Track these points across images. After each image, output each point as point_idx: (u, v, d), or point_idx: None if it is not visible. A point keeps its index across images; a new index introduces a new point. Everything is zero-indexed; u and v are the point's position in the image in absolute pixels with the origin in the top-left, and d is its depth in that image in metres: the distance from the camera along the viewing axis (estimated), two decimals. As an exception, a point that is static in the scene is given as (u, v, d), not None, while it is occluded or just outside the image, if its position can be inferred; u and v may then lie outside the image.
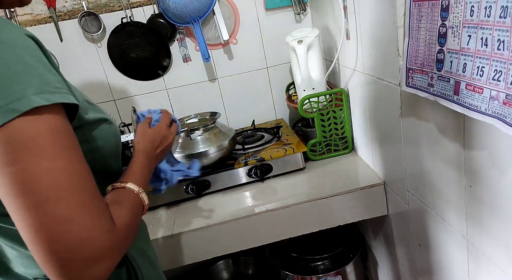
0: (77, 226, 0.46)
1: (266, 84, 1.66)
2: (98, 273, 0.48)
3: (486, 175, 0.65)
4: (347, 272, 1.41)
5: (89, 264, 0.47)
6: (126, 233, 0.54)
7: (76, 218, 0.47)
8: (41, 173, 0.45)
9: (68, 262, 0.46)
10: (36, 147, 0.45)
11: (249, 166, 1.27)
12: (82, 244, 0.46)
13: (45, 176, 0.46)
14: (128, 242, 0.55)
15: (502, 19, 0.51)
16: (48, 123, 0.47)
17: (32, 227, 0.45)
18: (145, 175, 0.72)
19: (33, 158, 0.45)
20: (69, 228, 0.46)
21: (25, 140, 0.45)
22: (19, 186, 0.45)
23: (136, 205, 0.63)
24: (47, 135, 0.47)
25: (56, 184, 0.46)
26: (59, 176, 0.47)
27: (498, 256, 0.68)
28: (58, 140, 0.48)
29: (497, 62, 0.54)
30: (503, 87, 0.53)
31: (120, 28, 1.48)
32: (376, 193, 1.16)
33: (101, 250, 0.48)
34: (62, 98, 0.49)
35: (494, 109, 0.56)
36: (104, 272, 0.48)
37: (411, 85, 0.78)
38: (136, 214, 0.62)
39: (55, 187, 0.46)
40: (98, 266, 0.47)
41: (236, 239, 1.15)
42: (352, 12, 1.11)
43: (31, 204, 0.45)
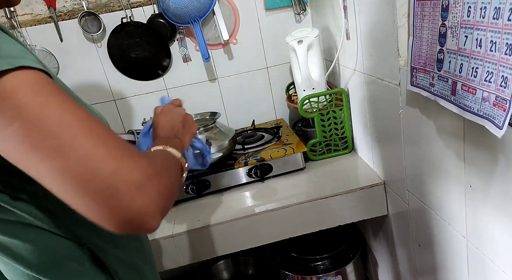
0: (102, 159, 0.43)
1: (266, 84, 1.66)
2: (145, 201, 0.44)
3: (486, 175, 0.65)
4: (347, 272, 1.41)
5: (132, 194, 0.43)
6: (162, 164, 0.51)
7: (97, 152, 0.43)
8: (42, 119, 0.42)
9: (109, 197, 0.42)
10: (24, 98, 0.42)
11: (249, 166, 1.27)
12: (115, 174, 0.43)
13: (48, 120, 0.42)
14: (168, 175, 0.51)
15: (495, 20, 0.51)
16: (23, 78, 0.43)
17: (57, 177, 0.42)
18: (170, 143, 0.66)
19: (25, 109, 0.41)
20: (95, 164, 0.42)
21: (7, 97, 0.41)
22: (27, 141, 0.41)
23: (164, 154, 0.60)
24: (30, 84, 0.43)
25: (61, 128, 0.42)
26: (62, 119, 0.43)
27: (498, 256, 0.68)
28: (45, 87, 0.44)
29: (489, 64, 0.54)
30: (493, 88, 0.53)
31: (120, 28, 1.48)
32: (376, 193, 1.16)
33: (141, 179, 0.44)
34: (28, 62, 0.44)
35: (485, 110, 0.56)
36: (151, 201, 0.44)
37: (415, 84, 0.78)
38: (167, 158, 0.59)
39: (61, 132, 0.42)
40: (142, 195, 0.43)
41: (236, 239, 1.15)
42: (352, 12, 1.11)
43: (47, 156, 0.41)
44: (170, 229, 1.13)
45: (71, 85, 1.59)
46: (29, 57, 0.45)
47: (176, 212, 1.23)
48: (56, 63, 1.47)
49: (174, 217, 1.20)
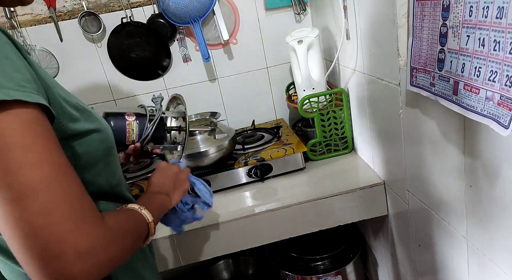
0: (58, 219, 0.43)
1: (266, 84, 1.66)
2: (83, 270, 0.43)
3: (486, 175, 0.65)
4: (347, 272, 1.41)
5: (73, 260, 0.43)
6: (117, 234, 0.50)
7: (56, 211, 0.43)
8: (14, 166, 0.42)
9: (51, 258, 0.42)
10: (4, 140, 0.42)
11: (249, 166, 1.27)
12: (64, 238, 0.43)
13: (20, 169, 0.42)
14: (120, 246, 0.50)
15: (499, 19, 0.51)
16: (15, 116, 0.43)
17: (9, 223, 0.42)
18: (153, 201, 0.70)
19: (3, 152, 0.42)
20: (49, 221, 0.42)
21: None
22: None
23: (134, 216, 0.61)
24: (17, 126, 0.43)
25: (32, 176, 0.43)
26: (36, 168, 0.43)
27: (498, 256, 0.68)
28: (32, 131, 0.44)
29: (493, 63, 0.54)
30: (498, 88, 0.53)
31: (120, 28, 1.48)
32: (376, 193, 1.16)
33: (86, 245, 0.44)
34: (25, 96, 0.44)
35: (489, 110, 0.56)
36: (90, 270, 0.44)
37: (414, 84, 0.78)
38: (134, 222, 0.60)
39: (30, 180, 0.43)
40: (83, 263, 0.43)
41: (236, 239, 1.15)
42: (352, 12, 1.11)
43: (7, 200, 0.42)
44: (170, 229, 1.13)
45: (71, 85, 1.59)
46: (29, 88, 0.46)
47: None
48: (56, 63, 1.47)
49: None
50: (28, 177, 0.43)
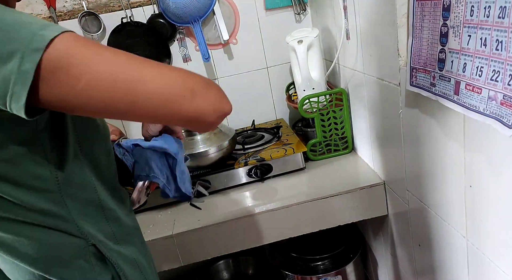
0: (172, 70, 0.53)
1: (266, 84, 1.66)
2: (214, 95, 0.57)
3: (486, 175, 0.65)
4: (347, 272, 1.41)
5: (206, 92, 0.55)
6: None
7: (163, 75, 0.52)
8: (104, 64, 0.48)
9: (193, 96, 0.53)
10: (80, 56, 0.47)
11: (249, 166, 1.27)
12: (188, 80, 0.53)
13: (109, 64, 0.48)
14: None
15: (501, 19, 0.51)
16: (69, 38, 0.47)
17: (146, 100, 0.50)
18: None
19: (87, 63, 0.47)
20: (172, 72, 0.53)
21: (66, 59, 0.46)
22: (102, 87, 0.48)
23: None
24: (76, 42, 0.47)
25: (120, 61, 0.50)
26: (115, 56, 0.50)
27: (498, 256, 0.68)
28: (89, 41, 0.49)
29: (495, 63, 0.54)
30: (500, 87, 0.53)
31: (120, 28, 1.48)
32: (376, 193, 1.16)
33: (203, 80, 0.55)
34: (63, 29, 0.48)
35: (492, 109, 0.56)
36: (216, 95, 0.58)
37: (414, 84, 0.78)
38: None
39: (123, 64, 0.49)
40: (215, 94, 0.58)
41: (236, 239, 1.15)
42: (352, 12, 1.11)
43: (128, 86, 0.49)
44: (170, 229, 1.13)
45: (71, 85, 1.56)
46: None
47: (176, 212, 1.23)
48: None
49: (174, 217, 1.20)
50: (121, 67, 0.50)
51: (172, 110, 0.52)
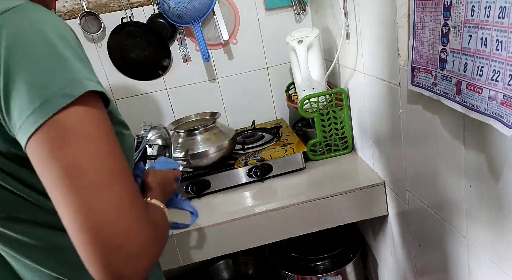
0: (126, 212, 0.45)
1: (266, 84, 1.66)
2: (140, 267, 0.46)
3: (486, 175, 0.65)
4: (347, 272, 1.41)
5: (133, 257, 0.44)
6: (162, 233, 0.54)
7: (125, 204, 0.45)
8: (92, 157, 0.44)
9: (114, 252, 0.43)
10: (85, 132, 0.45)
11: (249, 166, 1.27)
12: (130, 233, 0.44)
13: (97, 160, 0.44)
14: (162, 244, 0.53)
15: (501, 19, 0.51)
16: (95, 110, 0.46)
17: (79, 212, 0.43)
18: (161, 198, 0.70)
19: (83, 142, 0.44)
20: (120, 214, 0.44)
21: (74, 124, 0.44)
22: (69, 170, 0.43)
23: (162, 213, 0.62)
24: (94, 120, 0.46)
25: (108, 168, 0.45)
26: (109, 161, 0.46)
27: (499, 256, 0.68)
28: (105, 126, 0.47)
29: (495, 63, 0.54)
30: (501, 87, 0.53)
31: (120, 28, 1.48)
32: (376, 193, 1.16)
33: (145, 243, 0.46)
34: (96, 86, 0.47)
35: (492, 109, 0.56)
36: (144, 268, 0.46)
37: (416, 84, 0.78)
38: (165, 223, 0.61)
39: (107, 172, 0.45)
40: (140, 260, 0.45)
41: (236, 239, 1.15)
42: (352, 12, 1.11)
43: (80, 188, 0.43)
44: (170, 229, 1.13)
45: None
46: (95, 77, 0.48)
47: (176, 212, 1.23)
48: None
49: (174, 217, 1.19)
50: (105, 169, 0.45)
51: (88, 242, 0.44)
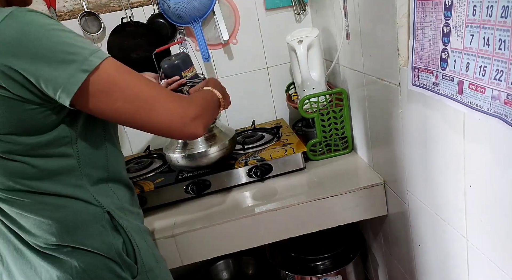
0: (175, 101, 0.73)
1: (266, 84, 1.66)
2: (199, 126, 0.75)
3: (486, 175, 0.65)
4: (347, 272, 1.41)
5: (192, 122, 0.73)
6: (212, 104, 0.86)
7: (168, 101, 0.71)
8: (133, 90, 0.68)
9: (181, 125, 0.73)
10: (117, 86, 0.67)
11: (249, 166, 1.27)
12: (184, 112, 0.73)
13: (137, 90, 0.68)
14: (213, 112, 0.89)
15: (503, 19, 0.51)
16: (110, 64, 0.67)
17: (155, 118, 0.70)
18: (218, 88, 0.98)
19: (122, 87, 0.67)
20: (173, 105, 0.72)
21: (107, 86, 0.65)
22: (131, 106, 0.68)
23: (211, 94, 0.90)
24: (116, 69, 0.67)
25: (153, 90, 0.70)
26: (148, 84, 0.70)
27: (498, 256, 0.68)
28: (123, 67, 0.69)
29: (498, 62, 0.54)
30: (504, 87, 0.53)
31: (120, 28, 1.48)
32: (376, 193, 1.16)
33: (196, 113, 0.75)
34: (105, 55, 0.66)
35: (496, 109, 0.56)
36: (201, 126, 0.76)
37: (416, 84, 0.78)
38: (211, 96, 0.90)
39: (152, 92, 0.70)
40: (198, 123, 0.75)
41: (236, 239, 1.15)
42: (352, 12, 1.11)
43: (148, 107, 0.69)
44: (170, 229, 1.13)
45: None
46: None
47: (176, 212, 1.23)
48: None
49: (174, 217, 1.20)
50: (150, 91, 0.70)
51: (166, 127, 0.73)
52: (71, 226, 0.71)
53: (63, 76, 0.61)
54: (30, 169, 0.66)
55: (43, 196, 0.69)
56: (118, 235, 0.76)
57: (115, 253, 0.74)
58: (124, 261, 0.75)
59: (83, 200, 0.72)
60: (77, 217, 0.72)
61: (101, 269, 0.72)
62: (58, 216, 0.70)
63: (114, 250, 0.74)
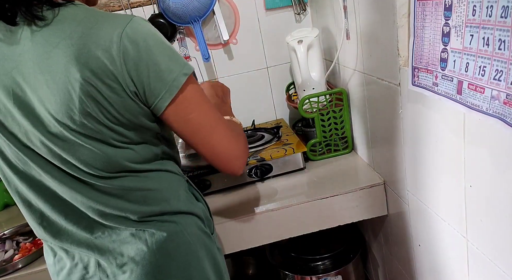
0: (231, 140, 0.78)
1: (266, 84, 1.66)
2: (243, 163, 0.81)
3: (486, 175, 0.65)
4: (347, 272, 1.41)
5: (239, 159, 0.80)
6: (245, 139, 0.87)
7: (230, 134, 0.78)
8: (208, 113, 0.75)
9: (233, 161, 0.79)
10: (200, 98, 0.74)
11: (249, 166, 1.27)
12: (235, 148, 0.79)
13: (211, 114, 0.75)
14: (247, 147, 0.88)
15: (503, 19, 0.51)
16: (195, 82, 0.74)
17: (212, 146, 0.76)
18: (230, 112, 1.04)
19: (201, 105, 0.74)
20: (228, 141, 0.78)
21: (193, 95, 0.72)
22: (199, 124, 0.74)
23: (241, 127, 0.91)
24: (199, 88, 0.74)
25: (216, 116, 0.76)
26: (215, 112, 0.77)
27: (498, 256, 0.68)
28: (201, 90, 0.75)
29: (498, 62, 0.54)
30: (503, 87, 0.53)
31: (120, 28, 1.48)
32: (376, 193, 1.16)
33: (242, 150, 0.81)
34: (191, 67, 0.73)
35: (495, 109, 0.56)
36: (244, 163, 0.82)
37: (416, 84, 0.78)
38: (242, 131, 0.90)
39: (217, 118, 0.76)
40: (243, 160, 0.81)
41: (236, 239, 1.15)
42: (352, 12, 1.11)
43: (208, 132, 0.75)
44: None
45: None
46: None
47: (176, 212, 1.23)
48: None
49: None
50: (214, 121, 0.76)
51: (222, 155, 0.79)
52: (167, 194, 0.80)
53: (174, 72, 0.69)
54: (133, 153, 0.74)
55: (143, 172, 0.77)
56: (197, 201, 0.87)
57: (202, 213, 0.85)
58: (208, 219, 0.87)
59: (171, 171, 0.82)
60: (170, 185, 0.81)
61: (194, 226, 0.82)
62: (157, 186, 0.78)
63: (201, 210, 0.85)
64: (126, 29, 0.65)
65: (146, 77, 0.67)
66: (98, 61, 0.64)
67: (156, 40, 0.69)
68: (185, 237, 0.79)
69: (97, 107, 0.66)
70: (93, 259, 0.78)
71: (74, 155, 0.70)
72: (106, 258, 0.77)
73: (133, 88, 0.68)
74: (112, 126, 0.69)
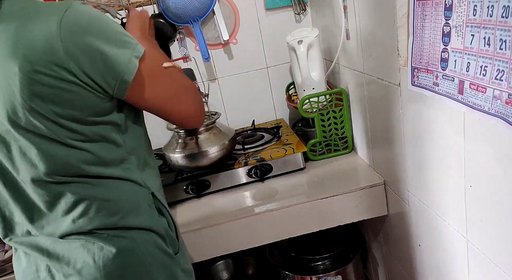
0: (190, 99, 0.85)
1: (266, 84, 1.66)
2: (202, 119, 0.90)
3: (487, 175, 0.65)
4: (347, 272, 1.41)
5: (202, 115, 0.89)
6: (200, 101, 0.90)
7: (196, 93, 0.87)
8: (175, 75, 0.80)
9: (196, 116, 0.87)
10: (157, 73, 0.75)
11: (249, 166, 1.27)
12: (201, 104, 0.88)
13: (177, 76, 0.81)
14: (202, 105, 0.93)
15: (504, 19, 0.51)
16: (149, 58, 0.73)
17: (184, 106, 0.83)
18: None
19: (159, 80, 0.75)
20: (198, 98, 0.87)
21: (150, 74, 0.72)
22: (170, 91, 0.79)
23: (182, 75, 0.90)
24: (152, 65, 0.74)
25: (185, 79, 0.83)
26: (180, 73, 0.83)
27: (498, 256, 0.68)
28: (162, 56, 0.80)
29: (499, 62, 0.54)
30: (505, 86, 0.53)
31: (120, 28, 1.47)
32: (376, 193, 1.16)
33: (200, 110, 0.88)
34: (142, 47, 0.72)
35: (497, 108, 0.56)
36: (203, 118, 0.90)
37: (416, 84, 0.78)
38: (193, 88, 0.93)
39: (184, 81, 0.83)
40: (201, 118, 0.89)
41: (236, 239, 1.15)
42: (352, 12, 1.11)
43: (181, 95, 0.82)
44: (170, 229, 1.13)
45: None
46: None
47: (176, 212, 1.23)
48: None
49: (174, 217, 1.20)
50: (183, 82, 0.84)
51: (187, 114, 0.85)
52: (125, 206, 0.75)
53: (124, 60, 0.67)
54: (89, 155, 0.70)
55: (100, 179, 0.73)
56: (161, 214, 0.82)
57: (164, 230, 0.79)
58: (170, 237, 0.81)
59: (134, 181, 0.78)
60: (129, 197, 0.76)
61: (151, 245, 0.76)
62: (114, 196, 0.74)
63: (163, 227, 0.80)
64: (64, 16, 0.61)
65: (96, 67, 0.64)
66: (37, 53, 0.59)
67: (99, 25, 0.65)
68: (137, 256, 0.73)
69: (43, 102, 0.62)
70: (44, 263, 0.76)
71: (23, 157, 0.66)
72: (55, 264, 0.74)
73: (83, 77, 0.63)
74: (63, 122, 0.65)
